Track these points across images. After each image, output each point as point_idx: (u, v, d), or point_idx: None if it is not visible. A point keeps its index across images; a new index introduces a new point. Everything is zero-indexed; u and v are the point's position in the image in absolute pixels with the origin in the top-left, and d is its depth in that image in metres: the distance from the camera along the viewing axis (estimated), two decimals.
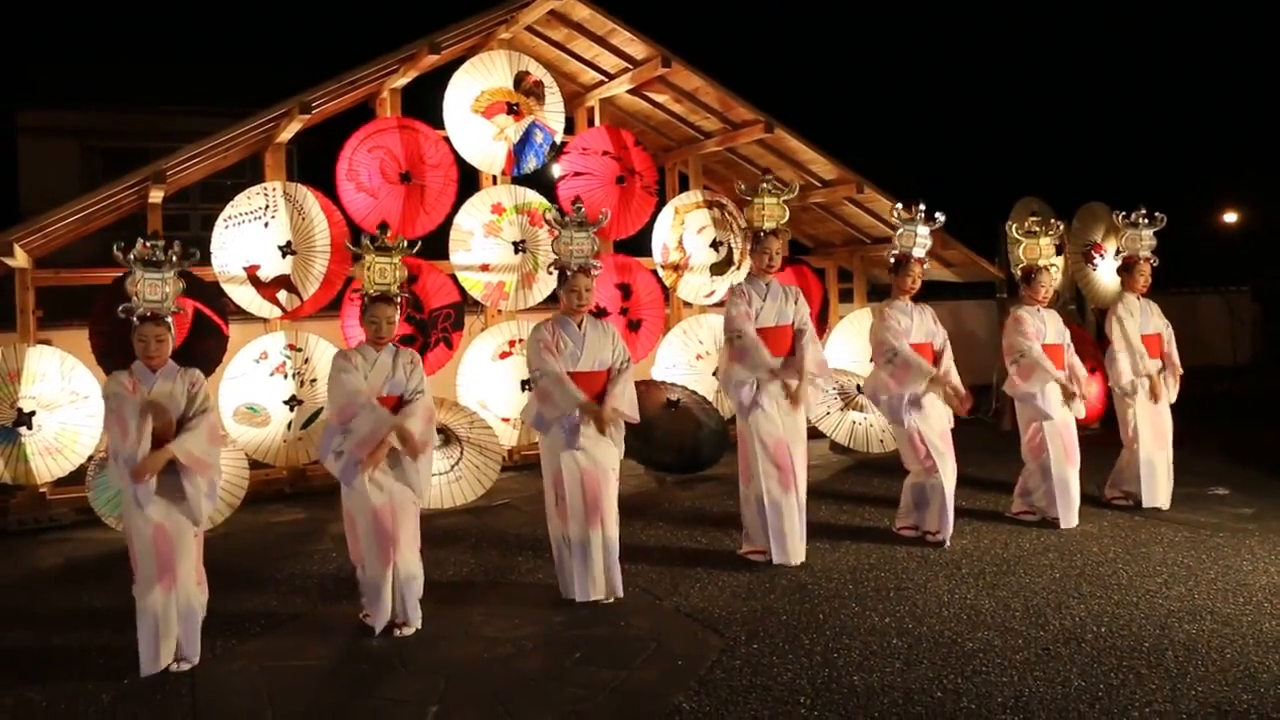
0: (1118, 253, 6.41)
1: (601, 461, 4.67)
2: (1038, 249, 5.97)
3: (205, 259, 7.10)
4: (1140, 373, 6.10)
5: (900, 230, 5.66)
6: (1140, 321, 6.17)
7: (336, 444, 4.29)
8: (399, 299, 4.48)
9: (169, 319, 4.09)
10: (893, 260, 5.71)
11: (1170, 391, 6.19)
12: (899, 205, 5.74)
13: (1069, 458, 5.83)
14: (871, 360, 5.75)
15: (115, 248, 4.05)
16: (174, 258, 4.08)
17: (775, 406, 5.16)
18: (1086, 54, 26.42)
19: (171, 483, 3.95)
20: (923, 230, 5.63)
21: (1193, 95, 24.55)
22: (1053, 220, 6.18)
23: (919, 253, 5.64)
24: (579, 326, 4.76)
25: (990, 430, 9.57)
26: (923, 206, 5.66)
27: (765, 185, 5.43)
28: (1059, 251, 6.46)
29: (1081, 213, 9.12)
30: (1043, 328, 5.90)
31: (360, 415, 4.24)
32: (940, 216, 5.67)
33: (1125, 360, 6.12)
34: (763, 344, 5.13)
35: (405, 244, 4.55)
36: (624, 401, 4.71)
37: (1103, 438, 7.35)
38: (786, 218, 5.47)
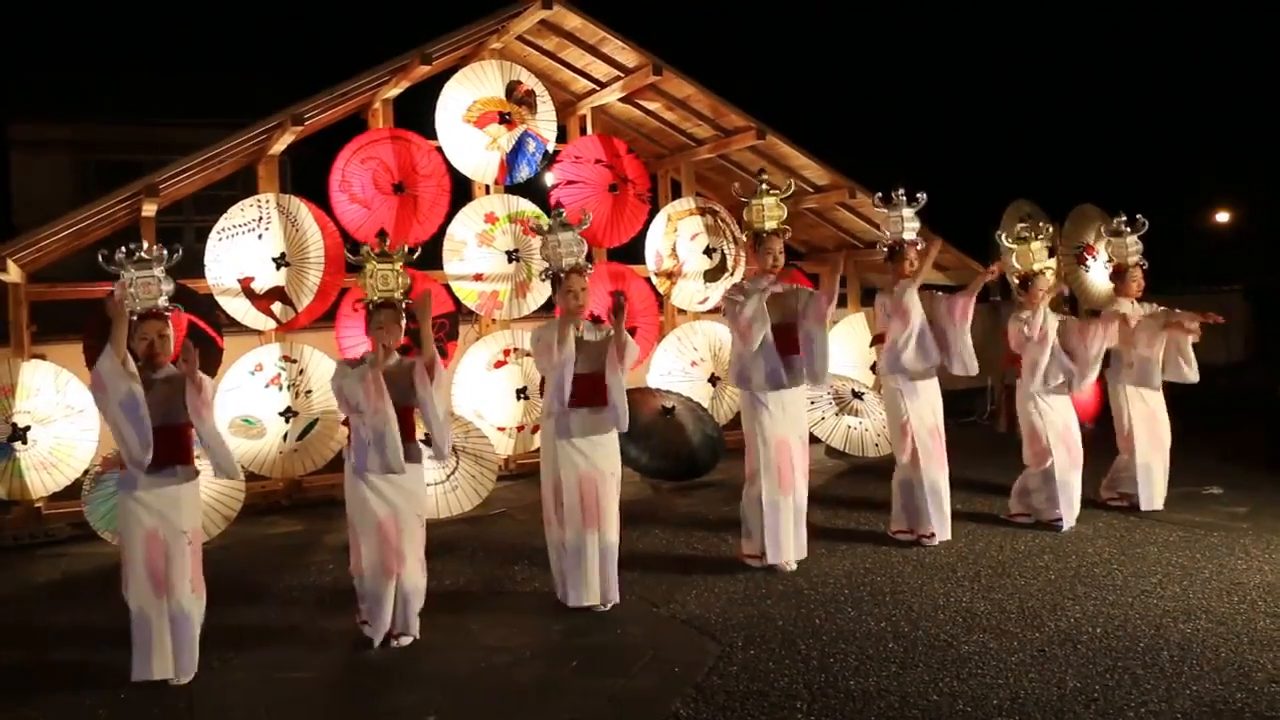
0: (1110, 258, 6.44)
1: (601, 466, 4.69)
2: (1030, 254, 6.00)
3: (199, 271, 7.12)
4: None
5: (888, 218, 5.69)
6: None
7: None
8: (404, 305, 4.49)
9: (168, 315, 4.11)
10: (886, 250, 5.73)
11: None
12: (878, 195, 5.78)
13: (1073, 462, 5.87)
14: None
15: (100, 255, 4.07)
16: (162, 254, 4.11)
17: (780, 407, 5.20)
18: (1077, 56, 26.56)
19: (163, 479, 3.98)
20: (908, 213, 5.67)
21: (1184, 96, 24.69)
22: (1041, 224, 6.20)
23: (910, 236, 5.67)
24: (577, 329, 4.77)
25: (986, 432, 9.60)
26: (901, 191, 5.70)
27: (763, 186, 5.45)
28: (1051, 254, 6.50)
29: (1073, 215, 9.14)
30: (1045, 328, 5.92)
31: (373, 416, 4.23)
32: (921, 196, 5.69)
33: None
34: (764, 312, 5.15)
35: (406, 250, 4.56)
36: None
37: (1098, 436, 7.36)
38: (785, 216, 5.50)
